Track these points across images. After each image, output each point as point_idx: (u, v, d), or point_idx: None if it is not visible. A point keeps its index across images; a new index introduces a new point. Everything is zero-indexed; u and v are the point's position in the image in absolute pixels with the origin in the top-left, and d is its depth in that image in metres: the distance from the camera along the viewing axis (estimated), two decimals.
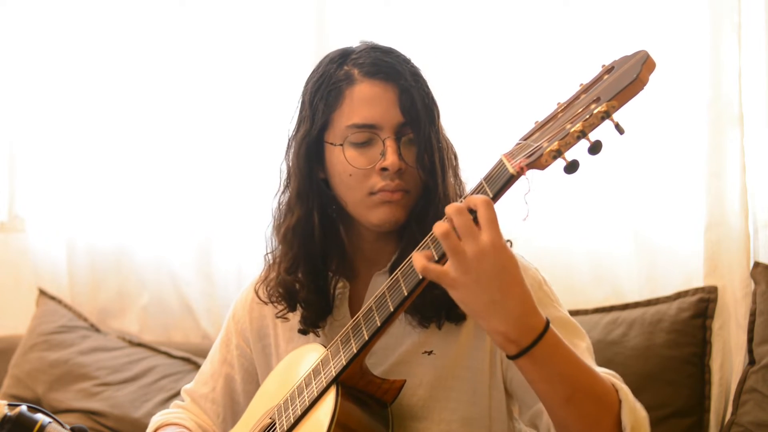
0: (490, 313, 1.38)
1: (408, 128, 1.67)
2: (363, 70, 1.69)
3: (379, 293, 1.57)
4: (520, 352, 1.40)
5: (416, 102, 1.67)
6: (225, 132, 3.07)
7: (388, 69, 1.69)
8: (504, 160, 1.41)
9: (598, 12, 2.60)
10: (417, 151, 1.67)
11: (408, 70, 1.71)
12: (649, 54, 1.32)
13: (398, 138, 1.67)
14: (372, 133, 1.67)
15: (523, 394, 1.66)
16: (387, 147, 1.66)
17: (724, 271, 2.52)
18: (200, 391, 1.97)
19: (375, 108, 1.67)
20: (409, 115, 1.67)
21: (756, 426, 2.30)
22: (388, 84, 1.68)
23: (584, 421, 1.47)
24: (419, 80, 1.71)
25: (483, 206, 1.36)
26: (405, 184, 1.67)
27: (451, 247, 1.36)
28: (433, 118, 1.70)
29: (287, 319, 1.84)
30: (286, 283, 1.78)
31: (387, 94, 1.67)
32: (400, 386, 1.62)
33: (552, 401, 1.46)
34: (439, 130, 1.72)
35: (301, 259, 1.76)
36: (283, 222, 1.78)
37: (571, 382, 1.44)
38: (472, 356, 1.69)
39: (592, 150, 1.31)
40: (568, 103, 1.41)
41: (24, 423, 1.48)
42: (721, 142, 2.49)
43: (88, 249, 3.29)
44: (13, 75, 3.34)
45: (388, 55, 1.72)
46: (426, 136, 1.67)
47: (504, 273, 1.37)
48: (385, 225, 1.69)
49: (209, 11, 3.07)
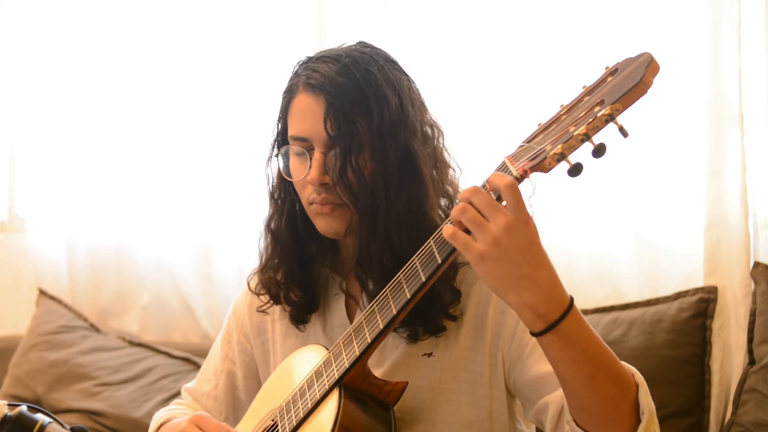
0: (521, 286, 1.37)
1: (335, 143, 1.64)
2: (302, 81, 1.69)
3: (382, 295, 1.57)
4: (548, 327, 1.39)
5: (342, 117, 1.63)
6: (225, 132, 3.07)
7: (322, 81, 1.65)
8: (507, 163, 1.41)
9: (598, 12, 2.60)
10: (340, 166, 1.64)
11: (346, 83, 1.64)
12: (653, 56, 1.32)
13: (327, 152, 1.66)
14: (305, 145, 1.68)
15: (528, 391, 1.66)
16: (313, 161, 1.66)
17: (724, 271, 2.52)
18: (202, 389, 1.96)
19: (306, 121, 1.67)
20: (337, 131, 1.63)
21: (756, 426, 2.30)
22: (319, 97, 1.65)
23: (605, 403, 1.45)
24: (357, 93, 1.64)
25: (508, 190, 1.35)
26: (334, 198, 1.66)
27: (471, 220, 1.36)
28: (362, 136, 1.63)
29: (267, 314, 1.87)
30: (268, 276, 1.82)
31: (318, 108, 1.65)
32: (402, 388, 1.62)
33: (574, 381, 1.45)
34: (391, 148, 1.64)
35: (279, 254, 1.80)
36: (267, 217, 1.83)
37: (594, 361, 1.43)
38: (472, 358, 1.68)
39: (596, 153, 1.31)
40: (572, 106, 1.40)
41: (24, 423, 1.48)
42: (721, 142, 2.49)
43: (88, 249, 3.29)
44: (13, 75, 3.33)
45: (332, 65, 1.67)
46: (354, 152, 1.63)
47: (532, 246, 1.37)
48: (327, 234, 1.71)
49: (209, 11, 3.07)
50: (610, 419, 1.46)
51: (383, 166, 1.64)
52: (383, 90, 1.65)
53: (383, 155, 1.64)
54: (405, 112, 1.67)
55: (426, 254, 1.50)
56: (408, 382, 1.63)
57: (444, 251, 1.46)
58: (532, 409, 1.65)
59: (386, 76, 1.67)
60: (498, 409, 1.70)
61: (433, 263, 1.48)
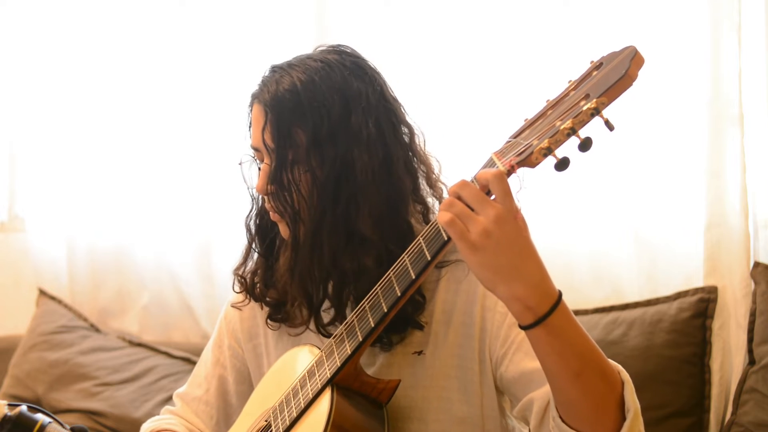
0: (511, 277, 1.37)
1: (273, 154, 1.66)
2: (255, 91, 1.72)
3: (372, 293, 1.57)
4: (537, 320, 1.39)
5: (278, 129, 1.64)
6: (224, 132, 3.06)
7: (266, 93, 1.67)
8: (494, 159, 1.41)
9: (596, 12, 2.59)
10: (275, 177, 1.65)
11: (286, 94, 1.64)
12: (637, 49, 1.32)
13: (271, 162, 1.67)
14: (258, 155, 1.72)
15: (514, 388, 1.65)
16: (261, 171, 1.70)
17: (724, 271, 2.52)
18: (193, 393, 1.96)
19: (255, 132, 1.70)
20: (274, 142, 1.65)
21: (756, 426, 2.30)
22: (261, 108, 1.68)
23: (591, 399, 1.45)
24: (295, 104, 1.64)
25: (496, 180, 1.35)
26: (276, 207, 1.68)
27: (460, 213, 1.36)
28: (299, 146, 1.64)
29: (251, 310, 1.89)
30: (247, 273, 1.84)
31: (261, 119, 1.68)
32: (395, 386, 1.62)
33: (562, 376, 1.45)
34: (328, 158, 1.63)
35: (255, 252, 1.83)
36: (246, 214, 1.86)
37: (582, 356, 1.43)
38: (462, 355, 1.68)
39: (583, 147, 1.30)
40: (558, 100, 1.40)
41: (24, 423, 1.48)
42: (721, 142, 2.49)
43: (88, 249, 3.29)
44: (13, 75, 3.33)
45: (278, 75, 1.67)
46: (290, 162, 1.64)
47: (521, 238, 1.37)
48: (287, 239, 1.72)
49: (209, 11, 3.07)
50: (596, 416, 1.46)
51: (319, 177, 1.64)
52: (323, 98, 1.63)
53: (320, 165, 1.64)
54: (350, 120, 1.64)
55: (416, 252, 1.50)
56: (400, 380, 1.63)
57: (433, 247, 1.46)
58: (517, 405, 1.65)
59: (332, 83, 1.65)
60: (489, 405, 1.70)
61: (422, 260, 1.48)
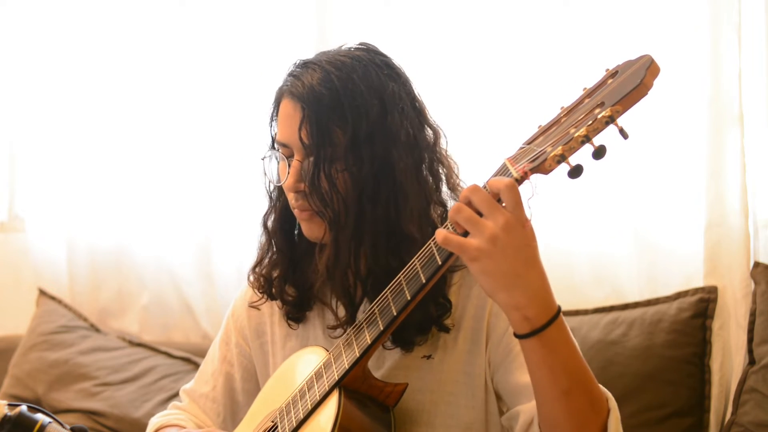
0: (513, 285, 1.38)
1: (310, 151, 1.64)
2: (286, 88, 1.69)
3: (382, 296, 1.57)
4: (533, 331, 1.40)
5: (316, 126, 1.62)
6: (224, 132, 3.07)
7: (301, 89, 1.65)
8: (507, 165, 1.41)
9: (598, 13, 2.59)
10: (312, 175, 1.64)
11: (324, 91, 1.63)
12: (653, 58, 1.32)
13: (303, 159, 1.66)
14: (287, 151, 1.69)
15: (505, 397, 1.67)
16: (291, 167, 1.67)
17: (724, 271, 2.52)
18: (200, 390, 1.96)
19: (286, 128, 1.68)
20: (311, 139, 1.63)
21: (756, 426, 2.30)
22: (297, 105, 1.65)
23: (575, 420, 1.46)
24: (334, 102, 1.62)
25: (507, 190, 1.36)
26: (310, 206, 1.66)
27: (467, 218, 1.37)
28: (337, 145, 1.62)
29: (266, 315, 1.88)
30: (264, 272, 1.82)
31: (296, 115, 1.65)
32: (402, 390, 1.62)
33: (549, 392, 1.46)
34: (367, 157, 1.62)
35: (273, 251, 1.81)
36: (264, 213, 1.84)
37: (572, 374, 1.44)
38: (471, 361, 1.69)
39: (597, 155, 1.31)
40: (572, 108, 1.41)
41: (24, 423, 1.48)
42: (721, 142, 2.49)
43: (88, 249, 3.29)
44: (13, 75, 3.33)
45: (314, 72, 1.66)
46: (327, 161, 1.62)
47: (528, 248, 1.38)
48: (310, 238, 1.71)
49: (209, 11, 3.07)
50: None
51: (357, 176, 1.63)
52: (362, 98, 1.63)
53: (358, 165, 1.63)
54: (387, 121, 1.64)
55: (426, 256, 1.50)
56: (408, 383, 1.63)
57: (444, 252, 1.46)
58: (505, 413, 1.67)
59: (369, 83, 1.64)
60: (493, 411, 1.71)
61: (433, 264, 1.48)
